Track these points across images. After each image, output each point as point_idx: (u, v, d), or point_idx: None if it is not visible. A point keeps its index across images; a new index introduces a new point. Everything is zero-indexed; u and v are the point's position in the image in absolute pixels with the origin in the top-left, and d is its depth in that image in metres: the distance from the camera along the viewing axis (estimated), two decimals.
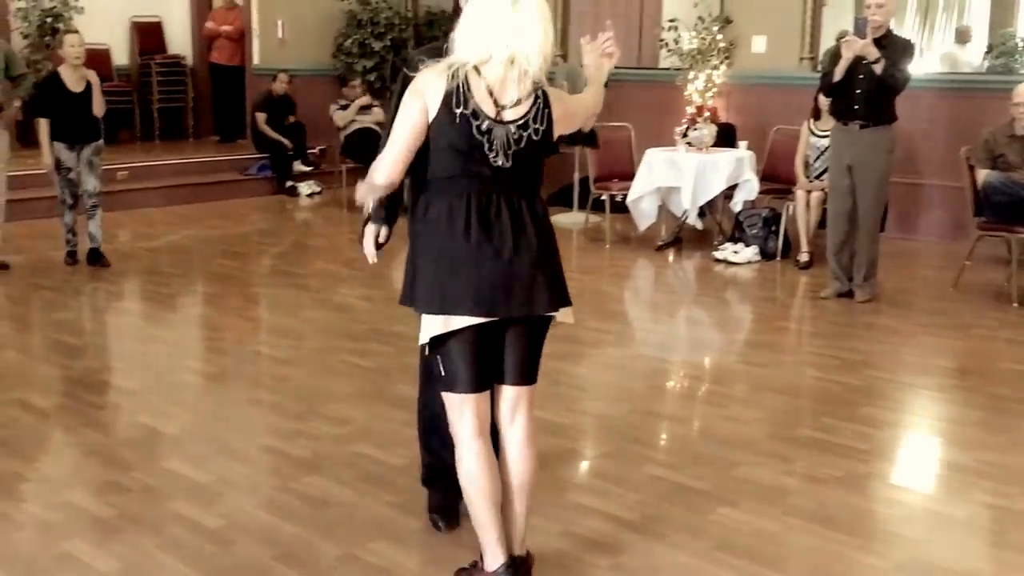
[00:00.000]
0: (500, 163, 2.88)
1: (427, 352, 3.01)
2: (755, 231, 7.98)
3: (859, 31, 6.28)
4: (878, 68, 6.24)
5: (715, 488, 3.89)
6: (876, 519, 3.69)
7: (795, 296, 7.31)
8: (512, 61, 2.83)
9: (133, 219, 9.51)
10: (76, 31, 7.98)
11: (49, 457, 4.27)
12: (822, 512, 3.68)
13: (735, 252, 7.85)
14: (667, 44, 9.67)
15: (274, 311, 6.76)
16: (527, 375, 3.05)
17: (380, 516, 3.64)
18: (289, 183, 11.15)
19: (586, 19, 11.39)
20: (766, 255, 7.91)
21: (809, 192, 7.66)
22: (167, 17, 12.69)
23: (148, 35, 12.51)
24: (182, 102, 12.69)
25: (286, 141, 11.15)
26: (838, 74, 6.41)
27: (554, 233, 3.03)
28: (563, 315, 3.03)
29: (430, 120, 2.85)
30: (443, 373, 2.98)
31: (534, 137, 2.91)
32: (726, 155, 8.06)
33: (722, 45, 9.45)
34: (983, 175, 6.61)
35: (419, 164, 2.93)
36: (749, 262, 7.82)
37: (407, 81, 2.95)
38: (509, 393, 3.04)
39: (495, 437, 3.08)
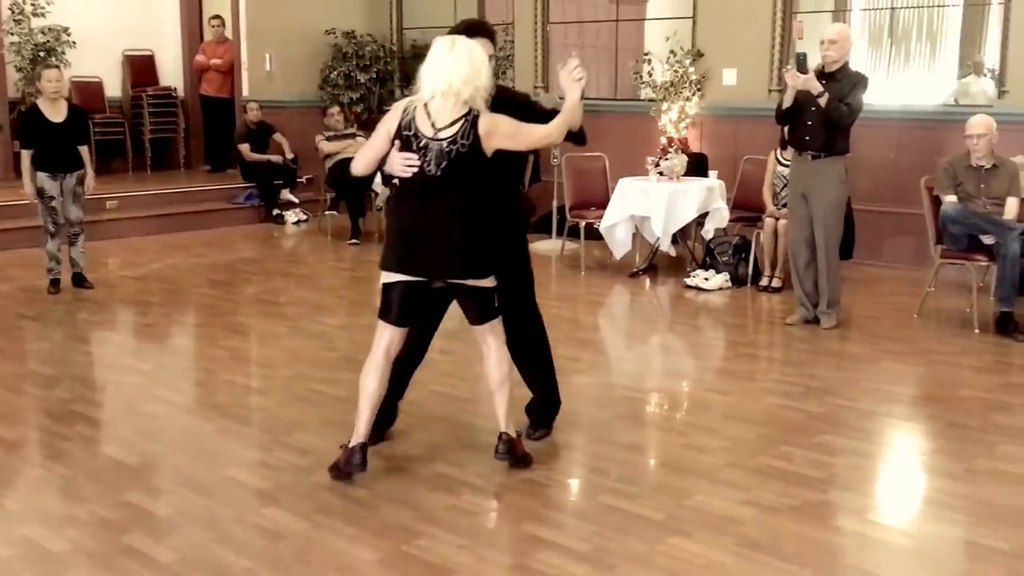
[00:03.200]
0: (432, 171, 3.99)
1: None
2: (726, 258, 8.10)
3: (800, 66, 6.43)
4: (822, 101, 6.38)
5: (669, 518, 3.93)
6: (827, 549, 3.72)
7: (762, 322, 7.42)
8: (448, 92, 3.95)
9: (121, 248, 9.63)
10: (56, 66, 8.16)
11: (9, 491, 4.28)
12: (774, 542, 3.71)
13: (706, 279, 7.96)
14: (641, 76, 9.81)
15: (250, 340, 6.83)
16: (475, 319, 4.28)
17: (334, 550, 3.68)
18: (276, 212, 11.33)
19: (570, 50, 11.55)
20: (736, 281, 8.03)
21: (777, 220, 7.76)
22: (159, 50, 12.87)
23: (140, 68, 12.69)
24: (173, 132, 12.86)
25: (275, 158, 11.35)
26: (785, 102, 6.59)
27: (483, 224, 4.11)
28: (476, 283, 4.17)
29: (391, 137, 4.07)
30: (380, 306, 4.24)
31: (462, 150, 3.98)
32: (696, 184, 8.18)
33: (694, 78, 9.63)
34: (944, 204, 6.73)
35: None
36: (720, 288, 7.93)
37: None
38: (475, 331, 4.32)
39: None
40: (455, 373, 5.87)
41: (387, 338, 4.27)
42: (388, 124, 4.10)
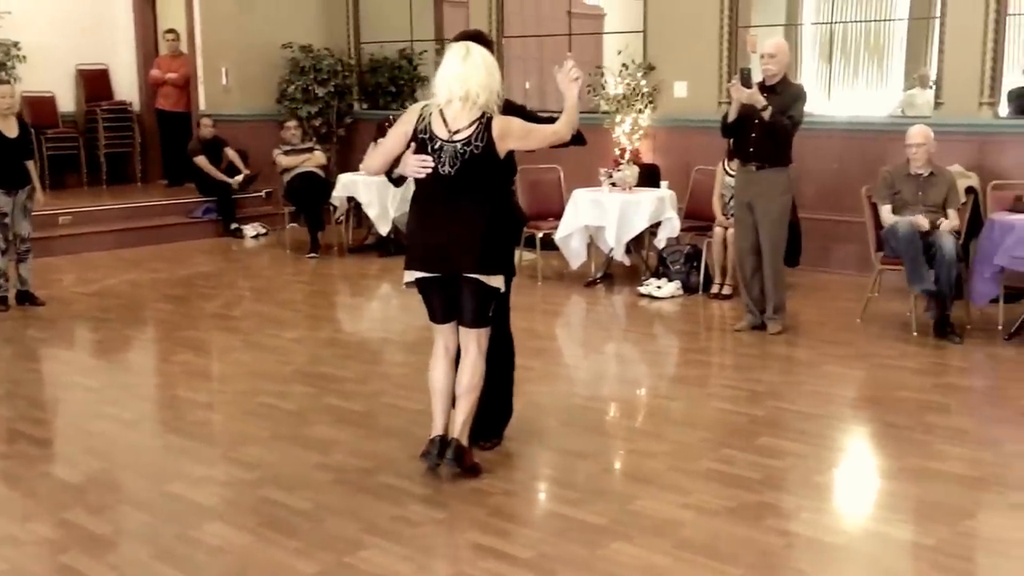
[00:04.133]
0: (447, 171, 4.16)
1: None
2: (677, 267, 8.22)
3: (744, 80, 6.56)
4: (766, 115, 6.52)
5: (611, 523, 4.00)
6: (762, 549, 3.80)
7: (712, 329, 7.53)
8: (466, 97, 4.12)
9: (76, 264, 9.61)
10: (8, 82, 8.13)
11: None
12: (711, 544, 3.80)
13: (659, 287, 8.07)
14: (595, 89, 9.93)
15: (202, 354, 6.84)
16: (469, 320, 4.36)
17: (275, 563, 3.71)
18: (235, 225, 11.33)
19: (525, 63, 11.70)
20: (688, 289, 8.14)
21: (726, 229, 7.88)
22: (113, 65, 12.84)
23: (94, 82, 12.65)
24: (129, 147, 12.84)
25: (231, 180, 11.35)
26: (730, 116, 6.70)
27: (495, 222, 4.26)
28: (488, 280, 4.27)
29: (408, 139, 4.23)
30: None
31: (475, 152, 4.15)
32: (648, 195, 8.29)
33: (646, 90, 9.75)
34: (888, 219, 6.85)
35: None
36: (672, 296, 8.04)
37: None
38: (461, 333, 4.41)
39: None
40: (409, 384, 5.91)
41: (439, 337, 4.45)
42: (404, 126, 4.26)
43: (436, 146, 4.18)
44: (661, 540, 3.85)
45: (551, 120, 4.43)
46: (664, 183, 8.41)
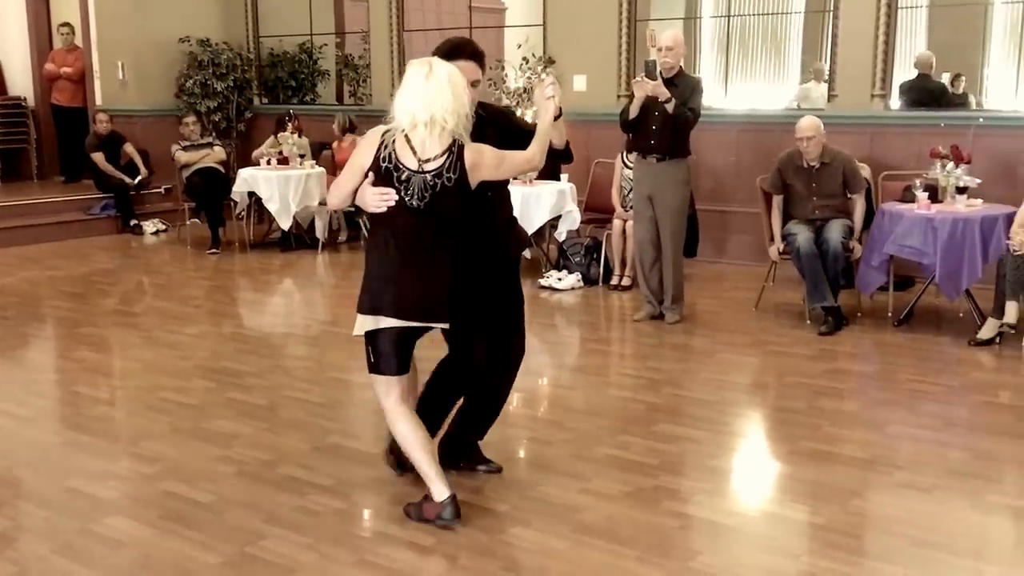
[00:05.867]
0: (415, 204, 3.71)
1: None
2: (578, 259, 8.34)
3: (649, 73, 6.65)
4: (670, 107, 6.64)
5: (512, 509, 4.08)
6: (657, 531, 3.90)
7: (612, 320, 7.66)
8: (432, 122, 3.66)
9: None
10: None
11: None
12: (608, 527, 3.89)
13: (559, 279, 8.17)
14: (495, 83, 9.99)
15: (102, 351, 6.74)
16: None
17: (177, 555, 3.72)
18: (134, 222, 11.17)
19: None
20: (588, 281, 8.26)
21: (625, 221, 8.02)
22: (6, 59, 12.56)
23: None
24: (24, 143, 12.59)
25: (128, 179, 11.16)
26: (632, 112, 6.80)
27: (454, 258, 3.83)
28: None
29: (365, 169, 3.75)
30: (371, 359, 3.88)
31: (447, 184, 3.72)
32: (549, 187, 8.37)
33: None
34: (777, 225, 7.10)
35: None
36: (572, 288, 8.15)
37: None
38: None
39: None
40: (309, 378, 5.93)
41: (394, 391, 3.93)
42: (362, 158, 3.78)
43: (403, 177, 3.72)
44: (560, 525, 3.93)
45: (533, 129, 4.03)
46: (564, 176, 8.51)
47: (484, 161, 3.79)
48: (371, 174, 3.76)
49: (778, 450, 4.95)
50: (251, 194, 10.00)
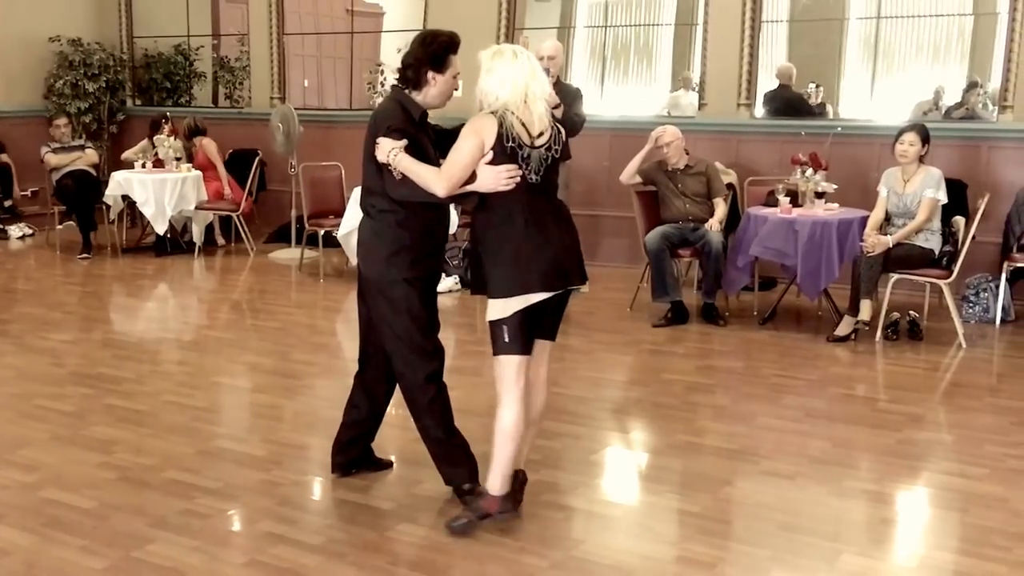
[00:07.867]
0: (534, 179, 3.82)
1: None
2: (456, 262, 8.46)
3: None
4: (558, 113, 6.81)
5: (398, 507, 4.17)
6: (539, 522, 4.03)
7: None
8: (534, 98, 3.81)
9: None
10: None
11: None
12: (493, 520, 3.97)
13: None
14: (375, 87, 10.04)
15: None
16: (553, 333, 4.06)
17: (63, 561, 3.69)
18: None
19: (305, 61, 11.68)
20: (466, 284, 8.36)
21: None
22: None
23: None
24: None
25: None
26: None
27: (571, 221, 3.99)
28: (586, 287, 4.03)
29: (485, 151, 3.75)
30: (507, 341, 3.87)
31: (555, 155, 3.92)
32: None
33: None
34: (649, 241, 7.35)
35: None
36: (450, 291, 8.28)
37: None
38: (538, 348, 4.00)
39: None
40: (189, 383, 5.91)
41: (522, 374, 3.93)
42: (477, 137, 3.77)
43: (525, 154, 3.80)
44: (444, 518, 4.02)
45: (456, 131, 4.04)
46: None
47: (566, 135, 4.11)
48: (490, 153, 3.75)
49: (654, 443, 5.16)
50: (125, 197, 9.83)
